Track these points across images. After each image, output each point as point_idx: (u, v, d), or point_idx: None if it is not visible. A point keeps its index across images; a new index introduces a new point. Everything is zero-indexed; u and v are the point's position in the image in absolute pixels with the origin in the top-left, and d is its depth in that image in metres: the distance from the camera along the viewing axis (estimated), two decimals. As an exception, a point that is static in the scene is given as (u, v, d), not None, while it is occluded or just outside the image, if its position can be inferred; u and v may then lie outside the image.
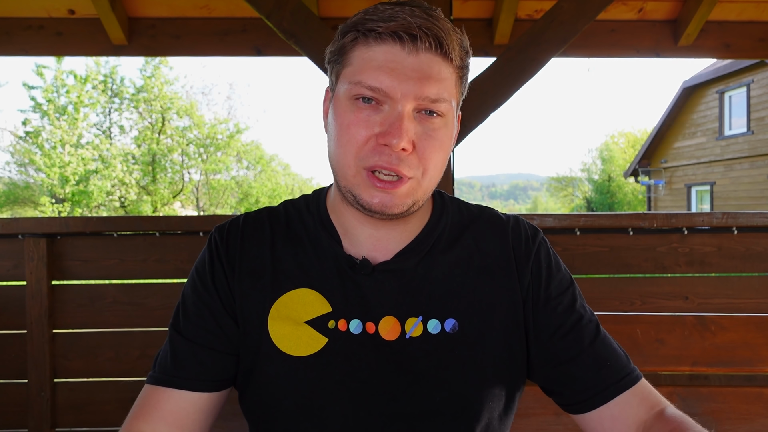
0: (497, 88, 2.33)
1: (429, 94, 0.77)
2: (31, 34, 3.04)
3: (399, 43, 0.77)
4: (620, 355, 0.89)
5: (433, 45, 0.77)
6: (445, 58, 0.79)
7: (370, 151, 0.78)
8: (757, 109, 15.79)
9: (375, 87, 0.77)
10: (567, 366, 0.87)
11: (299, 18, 2.25)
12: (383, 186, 0.79)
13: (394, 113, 0.77)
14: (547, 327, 0.89)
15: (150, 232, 2.53)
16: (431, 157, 0.80)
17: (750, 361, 1.37)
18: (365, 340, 0.85)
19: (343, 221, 0.90)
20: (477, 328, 0.87)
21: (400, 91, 0.77)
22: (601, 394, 0.85)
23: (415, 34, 0.76)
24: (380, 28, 0.77)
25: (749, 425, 1.35)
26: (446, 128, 0.82)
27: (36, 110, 18.29)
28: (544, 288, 0.90)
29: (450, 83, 0.80)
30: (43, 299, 2.44)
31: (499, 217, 0.96)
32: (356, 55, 0.80)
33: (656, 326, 1.39)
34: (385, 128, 0.77)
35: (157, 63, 19.43)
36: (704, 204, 18.43)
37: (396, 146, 0.76)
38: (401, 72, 0.76)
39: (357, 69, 0.79)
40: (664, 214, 2.51)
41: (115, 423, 2.51)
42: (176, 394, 0.85)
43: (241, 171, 22.50)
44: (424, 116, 0.79)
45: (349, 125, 0.79)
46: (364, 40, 0.79)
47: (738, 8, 3.17)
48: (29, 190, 19.13)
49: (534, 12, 3.18)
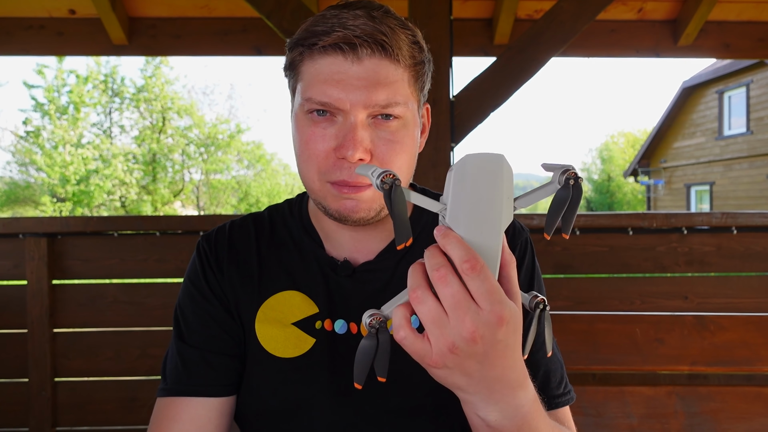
0: (497, 88, 2.33)
1: (378, 101, 0.77)
2: (31, 33, 3.04)
3: (341, 54, 0.76)
4: (553, 377, 0.90)
5: (376, 50, 0.76)
6: (392, 60, 0.77)
7: (331, 167, 0.79)
8: (756, 109, 15.79)
9: (324, 101, 0.77)
10: None
11: (299, 18, 2.25)
12: (348, 191, 0.79)
13: (347, 125, 0.77)
14: None
15: (150, 232, 2.53)
16: (393, 160, 0.79)
17: (749, 360, 1.37)
18: (349, 340, 0.87)
19: (323, 225, 0.91)
20: None
21: (349, 101, 0.76)
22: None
23: (354, 43, 0.75)
24: (321, 41, 0.76)
25: (748, 424, 1.35)
26: (406, 128, 0.81)
27: (37, 110, 18.29)
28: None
29: (401, 84, 0.79)
30: (44, 298, 2.45)
31: None
32: (305, 70, 0.80)
33: (656, 326, 1.39)
34: (339, 141, 0.77)
35: (158, 63, 19.43)
36: (704, 204, 18.43)
37: (351, 158, 0.76)
38: (347, 83, 0.76)
39: (306, 84, 0.79)
40: (663, 213, 2.51)
41: (116, 422, 2.52)
42: (193, 402, 0.85)
43: (241, 171, 22.52)
44: (380, 121, 0.79)
45: (307, 141, 0.80)
46: (310, 54, 0.78)
47: (737, 8, 3.18)
48: (30, 189, 19.14)
49: (534, 12, 3.18)
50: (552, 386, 0.89)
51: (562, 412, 0.90)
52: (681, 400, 1.38)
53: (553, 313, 1.35)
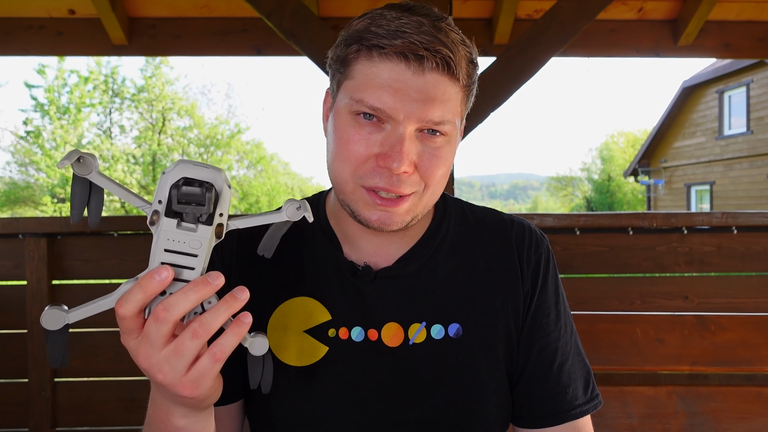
0: (497, 87, 2.33)
1: (433, 117, 0.75)
2: (31, 34, 3.04)
3: (404, 63, 0.73)
4: (579, 386, 0.90)
5: (440, 65, 0.73)
6: (452, 78, 0.75)
7: (370, 171, 0.76)
8: (756, 108, 15.79)
9: (377, 107, 0.74)
10: (530, 382, 0.89)
11: (299, 18, 2.25)
12: (383, 204, 0.77)
13: (396, 134, 0.75)
14: (528, 338, 0.90)
15: (150, 232, 2.52)
16: (433, 174, 0.78)
17: (749, 360, 1.37)
18: (367, 347, 0.85)
19: (343, 227, 0.88)
20: (482, 332, 0.87)
21: (403, 112, 0.74)
22: (548, 417, 0.88)
23: (421, 55, 0.72)
24: (385, 45, 0.73)
25: (748, 424, 1.35)
26: (449, 145, 0.80)
27: (37, 110, 18.29)
28: (537, 297, 0.90)
29: (455, 103, 0.77)
30: (44, 299, 2.45)
31: (504, 220, 0.94)
32: (359, 69, 0.76)
33: (656, 326, 1.39)
34: (385, 149, 0.75)
35: (158, 63, 19.43)
36: (704, 203, 18.43)
37: (396, 170, 0.74)
38: (405, 93, 0.73)
39: (359, 85, 0.76)
40: (663, 213, 2.51)
41: (116, 422, 2.52)
42: None
43: (241, 170, 22.50)
44: (426, 135, 0.77)
45: (348, 141, 0.77)
46: (368, 53, 0.75)
47: (737, 8, 3.17)
48: (29, 189, 19.13)
49: (534, 12, 3.18)
50: (579, 394, 0.89)
51: (586, 419, 0.89)
52: (681, 400, 1.38)
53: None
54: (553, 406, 0.88)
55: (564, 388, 0.88)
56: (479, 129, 2.42)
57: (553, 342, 0.90)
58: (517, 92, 2.38)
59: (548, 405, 0.88)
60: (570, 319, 0.94)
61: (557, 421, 0.88)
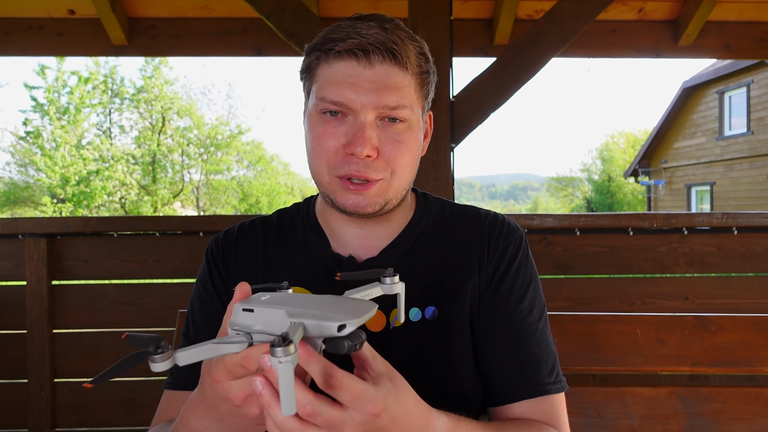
0: (497, 88, 2.33)
1: (387, 103, 0.84)
2: (31, 34, 3.04)
3: (355, 59, 0.83)
4: (543, 366, 0.92)
5: (387, 57, 0.83)
6: (401, 67, 0.85)
7: (340, 161, 0.86)
8: (756, 109, 15.79)
9: (337, 101, 0.84)
10: (490, 358, 0.93)
11: (299, 18, 2.25)
12: (355, 188, 0.86)
13: (357, 123, 0.84)
14: (488, 316, 0.93)
15: (150, 232, 2.53)
16: (398, 159, 0.87)
17: (750, 361, 1.37)
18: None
19: (329, 223, 0.97)
20: (454, 312, 0.93)
21: (360, 102, 0.83)
22: (508, 394, 0.91)
23: (367, 50, 0.82)
24: (338, 46, 0.83)
25: (749, 425, 1.35)
26: (410, 131, 0.88)
27: (36, 110, 18.29)
28: (498, 279, 0.94)
29: (409, 89, 0.86)
30: (43, 299, 2.45)
31: (480, 214, 1.01)
32: (320, 72, 0.87)
33: (656, 326, 1.39)
34: (349, 138, 0.84)
35: (157, 63, 19.43)
36: (704, 204, 18.43)
37: (360, 154, 0.83)
38: (359, 85, 0.83)
39: (321, 85, 0.86)
40: (664, 214, 2.51)
41: (115, 423, 2.52)
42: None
43: (241, 171, 22.52)
44: (387, 123, 0.86)
45: (319, 137, 0.86)
46: (326, 58, 0.86)
47: (738, 8, 3.17)
48: (29, 190, 19.13)
49: (534, 12, 3.18)
50: (543, 374, 0.92)
51: (552, 399, 0.92)
52: (682, 401, 1.37)
53: (554, 313, 1.35)
54: (512, 382, 0.91)
55: (522, 366, 0.91)
56: (479, 129, 2.42)
57: (513, 322, 0.93)
58: (517, 92, 2.38)
59: (507, 381, 0.91)
60: (537, 307, 0.96)
61: (517, 397, 0.90)
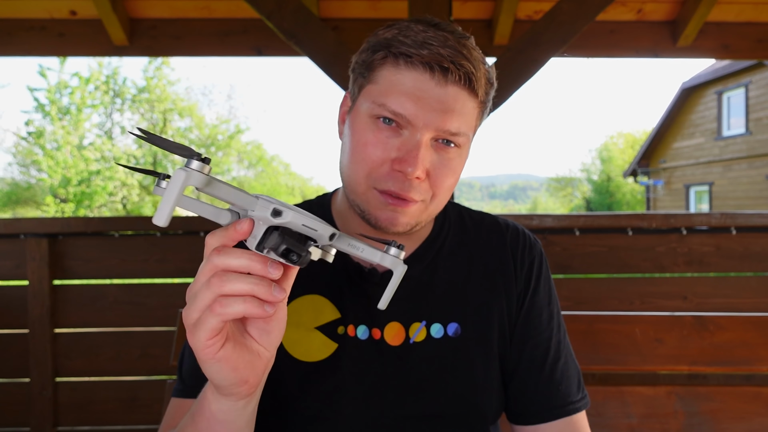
0: (497, 88, 2.33)
1: (450, 128, 0.78)
2: (33, 35, 3.04)
3: (429, 73, 0.76)
4: (573, 383, 0.92)
5: (462, 79, 0.77)
6: (472, 93, 0.79)
7: (384, 175, 0.79)
8: (755, 109, 15.80)
9: (398, 113, 0.77)
10: (524, 377, 0.92)
11: (299, 18, 2.26)
12: (394, 204, 0.79)
13: (413, 141, 0.77)
14: (521, 335, 0.92)
15: (151, 233, 2.54)
16: (443, 184, 0.81)
17: (748, 360, 1.38)
18: (371, 345, 0.87)
19: (349, 229, 0.91)
20: (479, 331, 0.90)
21: (423, 120, 0.77)
22: (543, 413, 0.90)
23: (446, 67, 0.76)
24: (413, 54, 0.76)
25: (747, 424, 1.36)
26: (460, 157, 0.83)
27: (38, 111, 18.28)
28: (530, 297, 0.94)
29: (471, 117, 0.81)
30: (45, 299, 2.45)
31: (500, 224, 0.99)
32: (384, 75, 0.79)
33: (655, 326, 1.40)
34: (402, 154, 0.78)
35: (159, 64, 19.42)
36: (703, 204, 18.44)
37: (411, 174, 0.77)
38: (426, 102, 0.76)
39: (383, 90, 0.78)
40: (662, 214, 2.52)
41: (117, 422, 2.52)
42: None
43: (241, 171, 22.51)
44: (440, 145, 0.80)
45: (366, 144, 0.79)
46: (394, 61, 0.78)
47: (736, 9, 3.18)
48: (31, 190, 19.12)
49: (533, 13, 3.18)
50: (573, 391, 0.91)
51: (581, 415, 0.91)
52: (680, 400, 1.38)
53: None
54: (547, 401, 0.90)
55: (557, 384, 0.91)
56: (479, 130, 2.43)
57: (546, 340, 0.92)
58: (517, 93, 2.39)
59: (542, 400, 0.90)
60: (562, 321, 0.96)
61: (552, 416, 0.90)
